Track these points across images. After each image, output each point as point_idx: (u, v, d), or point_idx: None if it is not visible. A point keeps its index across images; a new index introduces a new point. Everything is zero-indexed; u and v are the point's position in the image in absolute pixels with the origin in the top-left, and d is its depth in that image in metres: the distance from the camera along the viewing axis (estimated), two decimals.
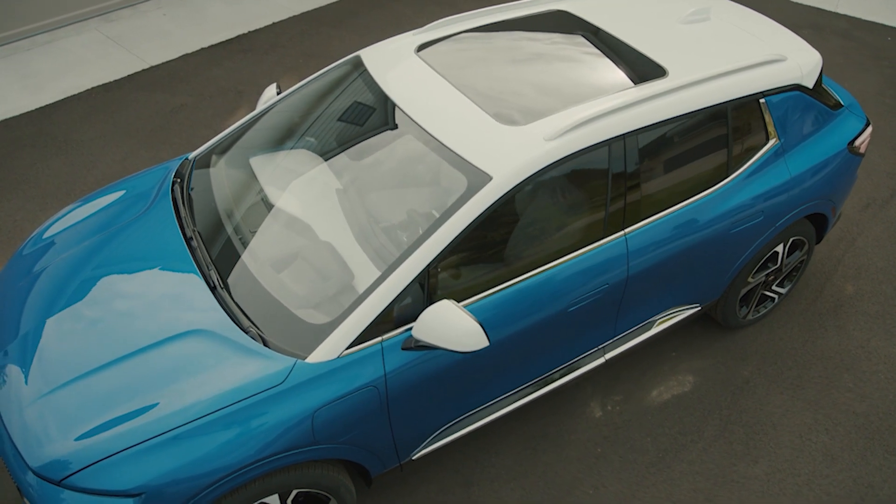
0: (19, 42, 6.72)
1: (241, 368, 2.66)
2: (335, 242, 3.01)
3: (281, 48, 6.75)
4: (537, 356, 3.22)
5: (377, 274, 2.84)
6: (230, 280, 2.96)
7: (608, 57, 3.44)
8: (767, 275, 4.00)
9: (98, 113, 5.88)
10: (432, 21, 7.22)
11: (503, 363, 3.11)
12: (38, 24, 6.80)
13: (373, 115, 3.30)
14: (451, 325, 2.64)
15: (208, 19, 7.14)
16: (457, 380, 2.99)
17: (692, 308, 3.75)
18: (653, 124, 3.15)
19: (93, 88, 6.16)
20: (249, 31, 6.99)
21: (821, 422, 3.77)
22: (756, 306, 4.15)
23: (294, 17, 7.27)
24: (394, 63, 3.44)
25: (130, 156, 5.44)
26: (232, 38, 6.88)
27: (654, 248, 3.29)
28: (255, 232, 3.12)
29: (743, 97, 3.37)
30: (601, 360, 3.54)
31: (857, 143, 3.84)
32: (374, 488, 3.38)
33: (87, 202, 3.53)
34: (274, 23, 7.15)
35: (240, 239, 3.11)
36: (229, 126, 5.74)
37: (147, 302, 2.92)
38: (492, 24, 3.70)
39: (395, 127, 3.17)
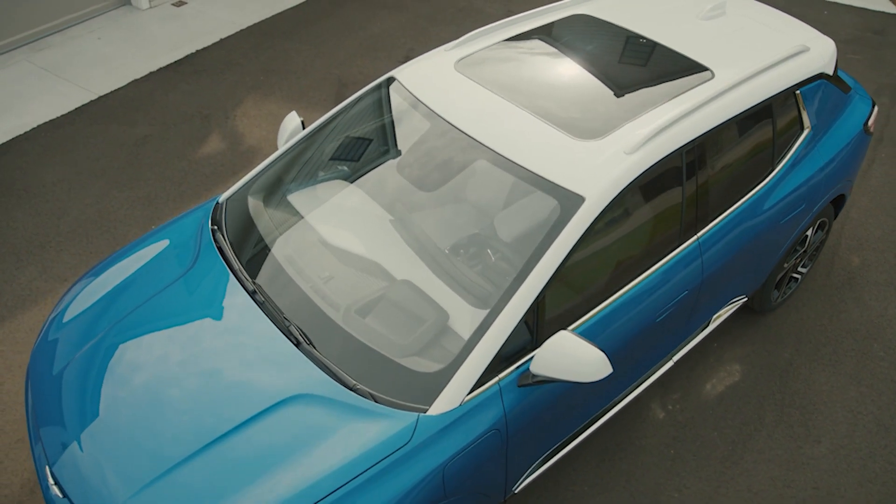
0: None
1: (361, 432, 2.48)
2: (415, 280, 2.86)
3: (237, 66, 6.40)
4: (630, 369, 3.19)
5: (475, 311, 2.71)
6: (314, 334, 2.76)
7: (650, 60, 3.42)
8: (796, 258, 4.12)
9: (52, 153, 5.40)
10: (383, 26, 7.04)
11: (603, 381, 3.06)
12: None
13: (428, 141, 3.15)
14: (573, 357, 2.56)
15: (149, 40, 6.68)
16: (565, 406, 2.92)
17: (741, 299, 3.82)
18: (715, 126, 3.15)
19: (39, 126, 5.65)
20: (198, 50, 6.60)
21: (865, 394, 3.93)
22: (783, 289, 4.28)
23: (242, 31, 6.91)
24: (438, 83, 3.30)
25: (103, 197, 5.03)
26: (181, 59, 6.47)
27: (722, 248, 3.32)
28: (326, 278, 2.92)
29: (784, 90, 3.43)
30: (671, 364, 3.55)
31: (869, 123, 3.99)
32: None
33: (114, 264, 3.21)
34: (222, 39, 6.77)
35: (310, 286, 2.90)
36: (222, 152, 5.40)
37: (229, 371, 2.68)
38: (522, 34, 3.60)
39: (460, 152, 3.04)
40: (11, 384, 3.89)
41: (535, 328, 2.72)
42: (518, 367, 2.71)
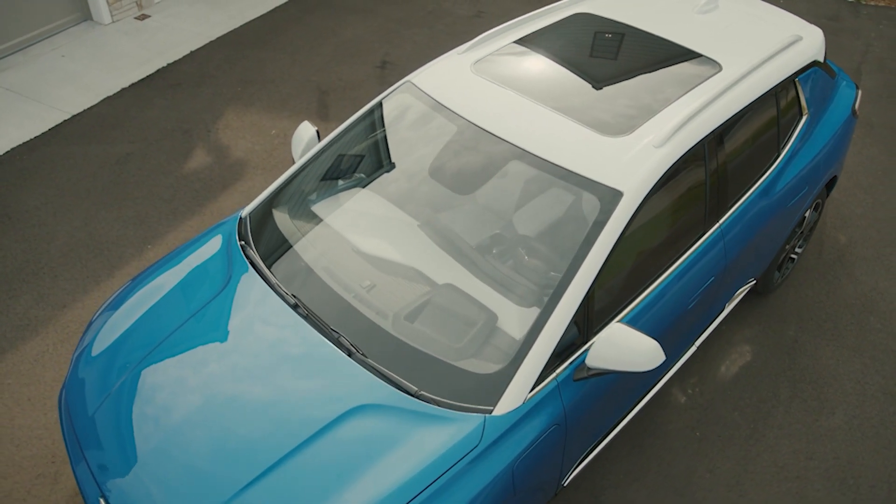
0: None
1: (431, 438, 2.49)
2: (456, 284, 2.88)
3: (212, 78, 6.29)
4: (666, 356, 3.27)
5: (524, 311, 2.75)
6: (365, 343, 2.75)
7: (659, 55, 3.51)
8: (794, 238, 4.28)
9: (32, 176, 5.22)
10: (355, 32, 7.01)
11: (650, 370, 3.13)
12: None
13: (457, 145, 3.17)
14: (628, 348, 2.62)
15: (116, 56, 6.51)
16: (613, 396, 2.98)
17: (751, 283, 3.95)
18: (731, 116, 3.26)
19: (14, 149, 5.45)
20: (169, 64, 6.46)
21: (869, 365, 4.11)
22: (783, 270, 4.44)
23: (211, 42, 6.79)
24: (459, 86, 3.32)
25: (91, 219, 4.88)
26: (153, 74, 6.32)
27: (740, 233, 3.43)
28: (368, 286, 2.92)
29: (786, 78, 3.57)
30: (693, 349, 3.65)
31: (855, 106, 4.18)
32: None
33: (138, 290, 3.13)
34: (192, 51, 6.64)
35: (353, 296, 2.89)
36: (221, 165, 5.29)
37: (284, 387, 2.65)
38: (531, 34, 3.65)
39: (491, 154, 3.07)
40: (23, 419, 3.75)
41: (583, 323, 2.77)
42: (571, 363, 2.75)
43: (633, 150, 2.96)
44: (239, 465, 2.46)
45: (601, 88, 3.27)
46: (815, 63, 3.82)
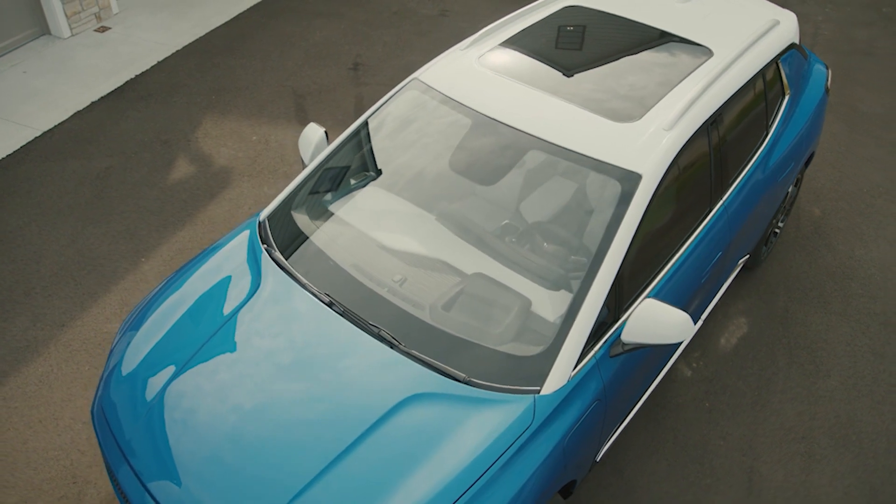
0: None
1: (486, 421, 2.56)
2: (486, 272, 2.96)
3: (184, 87, 6.21)
4: None
5: (556, 294, 2.85)
6: (406, 335, 2.80)
7: (652, 43, 3.65)
8: (779, 213, 4.49)
9: (10, 196, 5.08)
10: (323, 35, 7.01)
11: (671, 343, 3.26)
12: None
13: (474, 138, 3.24)
14: (661, 322, 2.73)
15: (80, 70, 6.37)
16: (643, 371, 3.10)
17: (745, 258, 4.13)
18: (728, 98, 3.42)
19: None
20: (137, 75, 6.35)
21: (856, 328, 4.35)
22: (768, 244, 4.65)
23: (178, 52, 6.70)
24: (468, 81, 3.39)
25: (79, 236, 4.79)
26: (122, 86, 6.21)
27: (741, 209, 3.60)
28: (400, 280, 2.97)
29: (771, 60, 3.76)
30: (700, 323, 3.81)
31: (828, 84, 4.41)
32: None
33: (168, 295, 3.11)
34: (159, 62, 6.55)
35: (387, 291, 2.94)
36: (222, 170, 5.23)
37: (332, 383, 2.68)
38: (528, 28, 3.75)
39: (509, 145, 3.16)
40: (36, 441, 3.67)
41: (613, 302, 2.88)
42: (606, 341, 2.86)
43: (645, 134, 3.09)
44: (298, 466, 2.48)
45: (604, 77, 3.39)
46: (792, 45, 4.02)
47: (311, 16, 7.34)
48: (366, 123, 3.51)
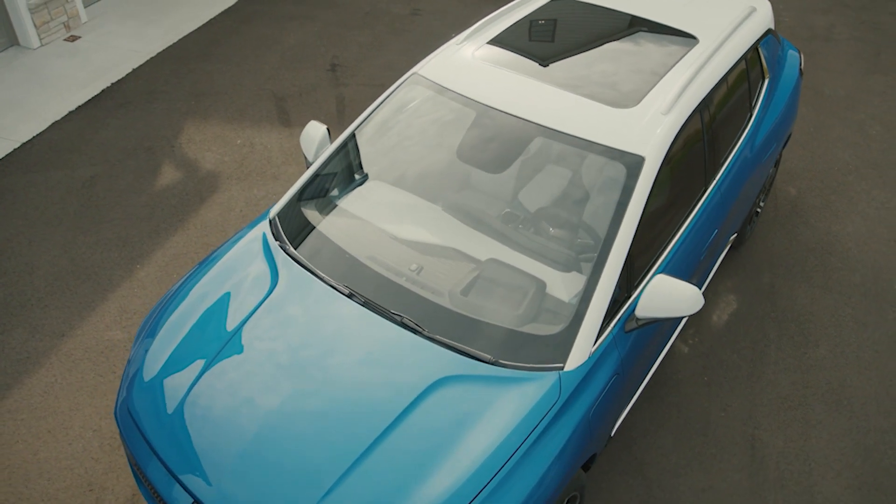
0: None
1: (515, 399, 2.64)
2: (498, 257, 3.05)
3: (162, 94, 6.18)
4: None
5: (569, 275, 2.95)
6: (428, 321, 2.88)
7: (641, 32, 3.78)
8: (761, 192, 4.67)
9: None
10: (297, 38, 7.03)
11: (675, 319, 3.38)
12: None
13: (478, 127, 3.33)
14: (673, 297, 2.85)
15: (53, 80, 6.29)
16: (653, 345, 3.22)
17: (734, 236, 4.29)
18: (717, 83, 3.56)
19: None
20: (113, 84, 6.29)
21: (838, 299, 4.55)
22: (751, 223, 4.83)
23: (152, 59, 6.65)
24: (468, 74, 3.47)
25: (70, 245, 4.74)
26: (99, 95, 6.15)
27: (732, 188, 3.75)
28: (416, 269, 3.04)
29: (752, 45, 3.92)
30: None
31: (801, 67, 4.61)
32: None
33: (186, 293, 3.13)
34: (134, 69, 6.49)
35: (405, 280, 3.01)
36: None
37: (361, 372, 2.74)
38: (519, 21, 3.85)
39: (515, 134, 3.25)
40: (46, 452, 3.65)
41: (624, 280, 2.99)
42: (620, 317, 2.97)
43: (644, 118, 3.21)
44: (334, 455, 2.53)
45: (598, 66, 3.51)
46: (769, 31, 4.20)
47: (284, 19, 7.35)
48: (369, 119, 3.57)
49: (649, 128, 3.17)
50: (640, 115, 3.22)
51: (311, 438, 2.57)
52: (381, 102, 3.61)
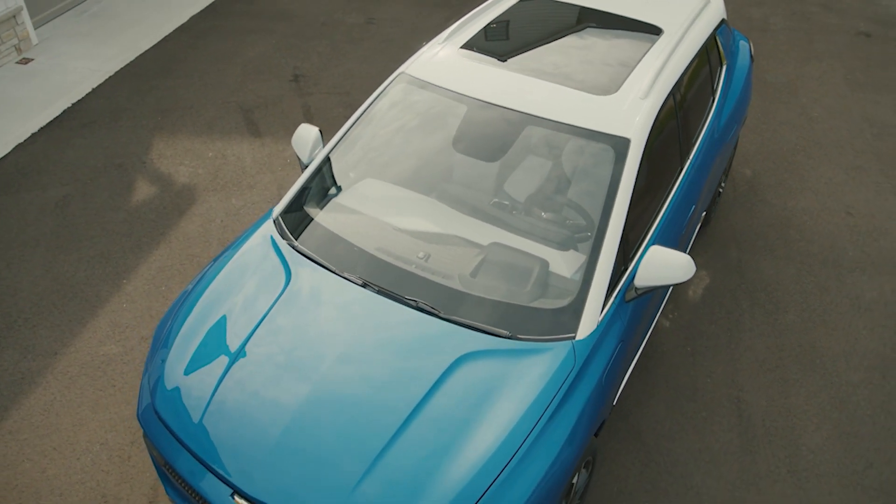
0: None
1: (536, 368, 2.80)
2: (500, 241, 3.21)
3: (126, 111, 6.15)
4: None
5: (569, 253, 3.13)
6: (443, 304, 3.01)
7: (610, 25, 4.01)
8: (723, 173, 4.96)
9: None
10: (256, 50, 7.09)
11: (665, 290, 3.59)
12: None
13: (470, 119, 3.49)
14: (667, 266, 3.06)
15: (11, 102, 6.19)
16: (648, 312, 3.42)
17: (704, 213, 4.56)
18: (685, 69, 3.81)
19: None
20: (74, 104, 6.23)
21: (799, 268, 4.86)
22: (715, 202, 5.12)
23: (111, 77, 6.61)
24: (454, 69, 3.63)
25: (52, 265, 4.70)
26: (60, 115, 6.08)
27: (703, 167, 4.00)
28: (424, 257, 3.17)
29: (710, 34, 4.20)
30: None
31: (752, 54, 4.93)
32: None
33: (200, 294, 3.18)
34: (94, 88, 6.45)
35: (415, 267, 3.14)
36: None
37: (385, 357, 2.85)
38: (496, 19, 4.03)
39: (506, 124, 3.42)
40: (55, 469, 3.63)
41: (620, 254, 3.19)
42: (620, 289, 3.16)
43: (625, 103, 3.42)
44: (371, 432, 2.63)
45: (574, 57, 3.71)
46: (723, 21, 4.49)
47: (241, 33, 7.39)
48: (361, 118, 3.69)
49: (631, 112, 3.38)
50: (620, 100, 3.44)
51: (345, 421, 2.67)
52: (372, 102, 3.74)
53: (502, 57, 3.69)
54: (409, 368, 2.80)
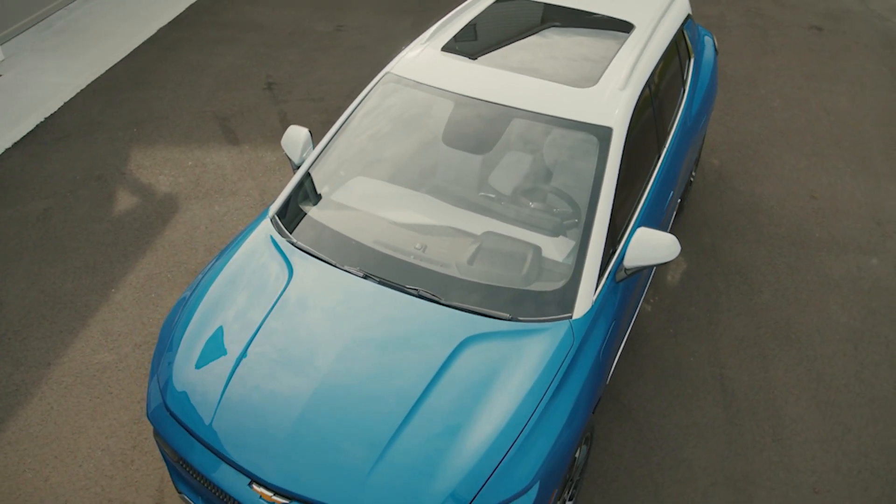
0: None
1: (534, 348, 2.92)
2: (493, 230, 3.34)
3: (101, 124, 6.15)
4: None
5: (559, 239, 3.27)
6: (443, 291, 3.12)
7: (584, 21, 4.17)
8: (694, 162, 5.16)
9: None
10: (227, 61, 7.13)
11: (649, 273, 3.75)
12: None
13: (458, 115, 3.61)
14: (654, 246, 3.22)
15: None
16: (636, 293, 3.57)
17: (679, 200, 4.75)
18: (658, 61, 3.99)
19: None
20: (46, 118, 6.21)
21: (770, 251, 5.08)
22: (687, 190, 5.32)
23: (83, 91, 6.59)
24: (438, 68, 3.75)
25: (38, 277, 4.69)
26: (34, 130, 6.05)
27: (678, 154, 4.18)
28: (421, 247, 3.28)
29: (679, 27, 4.39)
30: None
31: (716, 47, 5.15)
32: None
33: (203, 295, 3.23)
34: (66, 102, 6.42)
35: (413, 258, 3.24)
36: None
37: (391, 344, 2.94)
38: (473, 20, 4.17)
39: (492, 118, 3.55)
40: (58, 476, 3.64)
41: (608, 238, 3.34)
42: (610, 270, 3.31)
43: (605, 94, 3.58)
44: (384, 416, 2.72)
45: (553, 53, 3.86)
46: (688, 16, 4.69)
47: (210, 43, 7.42)
48: (350, 119, 3.78)
49: (611, 102, 3.54)
50: (600, 92, 3.59)
51: (358, 407, 2.76)
52: (360, 102, 3.84)
53: (483, 55, 3.82)
54: (415, 354, 2.90)
